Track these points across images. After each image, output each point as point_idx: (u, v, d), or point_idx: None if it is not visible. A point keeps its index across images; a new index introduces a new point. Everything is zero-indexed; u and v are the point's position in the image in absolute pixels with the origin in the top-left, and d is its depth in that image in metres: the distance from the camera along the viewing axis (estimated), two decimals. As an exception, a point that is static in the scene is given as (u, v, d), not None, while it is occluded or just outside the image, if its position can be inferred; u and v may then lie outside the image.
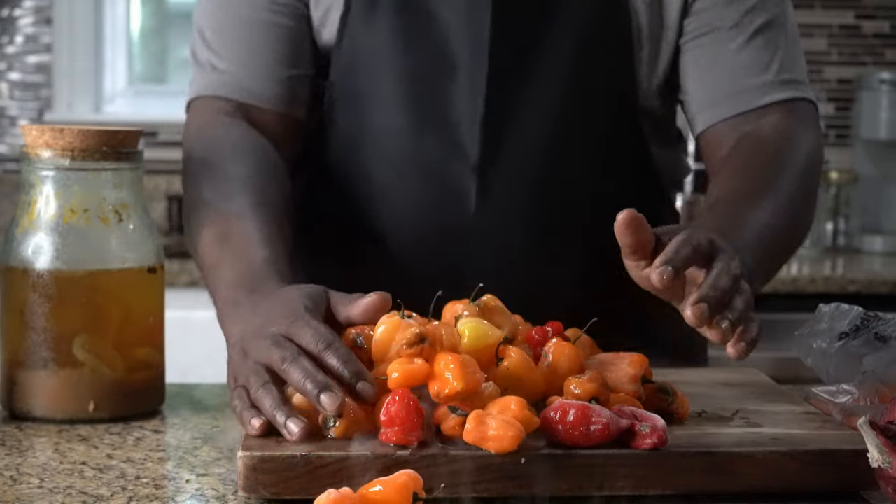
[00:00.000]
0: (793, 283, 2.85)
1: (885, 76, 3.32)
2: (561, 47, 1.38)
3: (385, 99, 1.39)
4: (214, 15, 1.45)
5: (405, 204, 1.39)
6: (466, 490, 0.97)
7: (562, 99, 1.38)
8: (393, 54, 1.38)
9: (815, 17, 3.49)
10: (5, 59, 3.46)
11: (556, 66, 1.38)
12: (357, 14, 1.39)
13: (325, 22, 1.42)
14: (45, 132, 1.24)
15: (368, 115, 1.40)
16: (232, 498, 1.01)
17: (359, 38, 1.40)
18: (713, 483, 0.99)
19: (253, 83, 1.42)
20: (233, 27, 1.43)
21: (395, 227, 1.40)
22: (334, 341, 1.05)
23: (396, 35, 1.38)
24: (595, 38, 1.39)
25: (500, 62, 1.37)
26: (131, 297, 1.26)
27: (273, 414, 1.02)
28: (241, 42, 1.43)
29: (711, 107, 1.42)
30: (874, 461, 0.93)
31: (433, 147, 1.38)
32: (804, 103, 1.45)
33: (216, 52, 1.43)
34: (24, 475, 1.07)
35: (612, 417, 0.98)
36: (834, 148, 3.53)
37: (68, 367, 1.24)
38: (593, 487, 0.98)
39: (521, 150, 1.37)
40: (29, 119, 3.46)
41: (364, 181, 1.42)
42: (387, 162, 1.40)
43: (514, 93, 1.37)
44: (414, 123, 1.38)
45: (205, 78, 1.44)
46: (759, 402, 1.16)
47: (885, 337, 1.15)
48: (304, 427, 1.00)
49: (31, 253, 1.24)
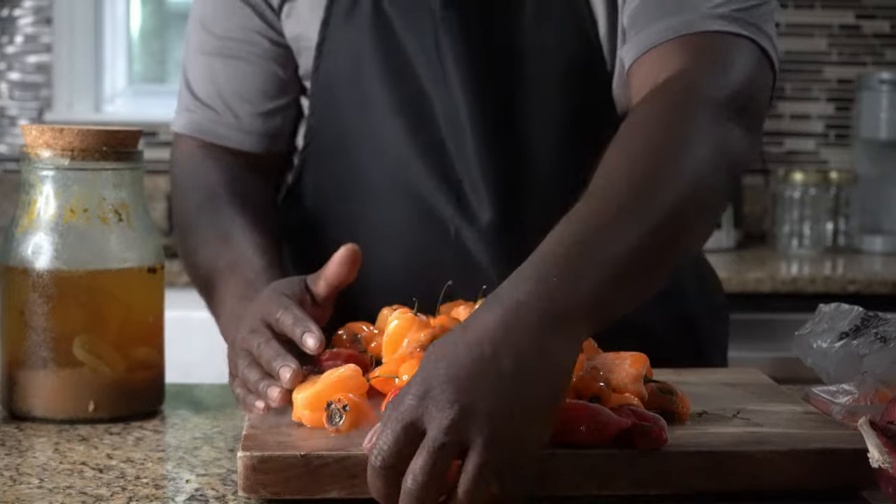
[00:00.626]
0: (793, 283, 2.85)
1: (885, 76, 3.32)
2: (533, 69, 1.34)
3: (368, 122, 1.38)
4: (193, 52, 1.46)
5: (389, 229, 1.38)
6: (466, 490, 0.97)
7: (544, 114, 1.35)
8: (373, 79, 1.37)
9: (815, 17, 3.49)
10: (5, 59, 3.46)
11: (529, 90, 1.35)
12: (333, 43, 1.38)
13: (300, 50, 1.41)
14: (45, 132, 1.24)
15: (352, 138, 1.39)
16: (232, 498, 1.01)
17: (337, 65, 1.38)
18: (713, 483, 0.99)
19: (227, 129, 1.43)
20: (207, 69, 1.44)
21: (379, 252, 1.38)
22: (301, 316, 1.11)
23: (374, 59, 1.36)
24: (571, 66, 1.34)
25: (470, 93, 1.33)
26: (131, 297, 1.26)
27: (257, 387, 1.09)
28: (215, 87, 1.43)
29: (637, 36, 1.24)
30: (874, 461, 0.93)
31: (418, 166, 1.36)
32: (742, 42, 1.20)
33: (194, 93, 1.45)
34: (24, 475, 1.07)
35: (613, 417, 0.98)
36: (834, 148, 3.53)
37: (68, 366, 1.24)
38: (593, 487, 0.98)
39: (508, 170, 1.35)
40: (29, 119, 3.46)
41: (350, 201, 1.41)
42: (372, 184, 1.39)
43: (493, 108, 1.35)
44: (399, 145, 1.37)
45: (184, 116, 1.46)
46: (759, 402, 1.16)
47: (885, 337, 1.15)
48: (282, 391, 1.07)
49: (31, 253, 1.24)
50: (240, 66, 1.42)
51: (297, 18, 1.40)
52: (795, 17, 3.48)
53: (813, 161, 3.52)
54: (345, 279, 1.17)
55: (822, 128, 3.53)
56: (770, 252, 3.31)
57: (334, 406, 1.01)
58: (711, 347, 1.51)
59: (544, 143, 1.35)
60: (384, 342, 1.08)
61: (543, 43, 1.34)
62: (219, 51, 1.43)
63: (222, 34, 1.42)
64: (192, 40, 1.46)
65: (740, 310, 2.88)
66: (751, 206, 3.48)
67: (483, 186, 1.34)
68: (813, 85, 3.52)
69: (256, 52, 1.42)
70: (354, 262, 1.16)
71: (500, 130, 1.34)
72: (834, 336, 1.18)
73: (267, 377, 1.10)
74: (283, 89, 1.43)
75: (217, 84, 1.43)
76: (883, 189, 3.39)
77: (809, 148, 3.53)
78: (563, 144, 1.35)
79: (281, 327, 1.12)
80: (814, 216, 3.32)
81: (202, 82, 1.44)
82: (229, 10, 1.42)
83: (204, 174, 1.42)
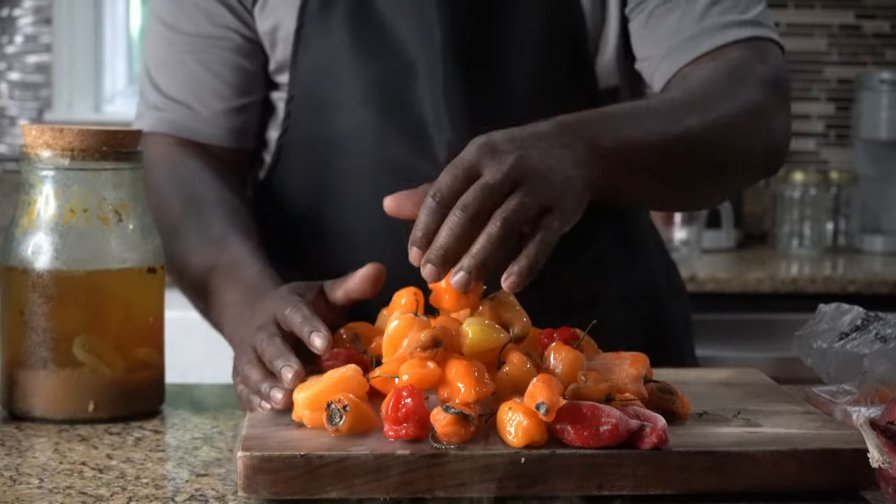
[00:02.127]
0: (793, 283, 2.85)
1: (885, 76, 3.32)
2: (515, 44, 1.37)
3: (350, 106, 1.39)
4: (158, 52, 1.47)
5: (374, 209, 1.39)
6: (466, 490, 0.97)
7: (524, 94, 1.38)
8: (353, 63, 1.38)
9: (815, 17, 3.49)
10: (5, 59, 3.46)
11: (513, 63, 1.37)
12: (311, 29, 1.39)
13: (276, 40, 1.42)
14: (44, 132, 1.24)
15: (333, 124, 1.40)
16: (232, 498, 1.01)
17: (317, 51, 1.40)
18: (713, 483, 0.99)
19: (198, 124, 1.44)
20: (176, 65, 1.45)
21: (364, 232, 1.39)
22: (309, 315, 1.11)
23: (354, 45, 1.38)
24: (548, 30, 1.38)
25: (456, 63, 1.36)
26: (131, 297, 1.26)
27: (258, 387, 1.09)
28: (185, 81, 1.44)
29: (668, 57, 1.35)
30: (874, 461, 0.93)
31: (401, 149, 1.38)
32: (768, 43, 1.35)
33: (161, 91, 1.46)
34: (24, 475, 1.07)
35: (621, 418, 0.98)
36: (834, 148, 3.53)
37: (68, 367, 1.24)
38: (593, 487, 0.98)
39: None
40: (29, 119, 3.46)
41: (331, 189, 1.41)
42: (355, 168, 1.40)
43: (475, 91, 1.37)
44: (381, 127, 1.38)
45: (151, 115, 1.46)
46: (759, 402, 1.16)
47: (885, 337, 1.15)
48: (285, 394, 1.07)
49: (31, 253, 1.24)
50: (211, 63, 1.43)
51: (272, 9, 1.41)
52: (795, 17, 3.48)
53: (813, 161, 3.52)
54: (365, 295, 1.17)
55: (823, 128, 3.53)
56: (770, 252, 3.31)
57: (334, 406, 1.01)
58: (681, 329, 1.53)
59: (525, 109, 1.37)
60: (384, 342, 1.08)
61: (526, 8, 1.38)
62: (189, 48, 1.44)
63: (192, 31, 1.43)
64: (156, 42, 1.46)
65: (740, 310, 2.90)
66: (751, 206, 3.48)
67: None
68: (813, 85, 3.52)
69: (228, 48, 1.43)
70: (378, 282, 1.17)
71: (486, 100, 1.36)
72: (834, 336, 1.18)
73: (269, 377, 1.10)
74: (251, 86, 1.45)
75: (189, 81, 1.44)
76: (883, 189, 3.39)
77: (809, 148, 3.53)
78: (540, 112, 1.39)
79: (289, 325, 1.12)
80: (814, 216, 3.32)
81: (172, 81, 1.45)
82: (199, 8, 1.43)
83: (182, 173, 1.42)
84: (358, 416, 1.01)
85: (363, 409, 1.02)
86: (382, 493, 0.97)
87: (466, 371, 1.00)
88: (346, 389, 1.03)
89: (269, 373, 1.11)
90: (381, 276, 1.17)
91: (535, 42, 1.38)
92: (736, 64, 1.30)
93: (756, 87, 1.27)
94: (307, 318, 1.10)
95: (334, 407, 1.01)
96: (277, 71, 1.44)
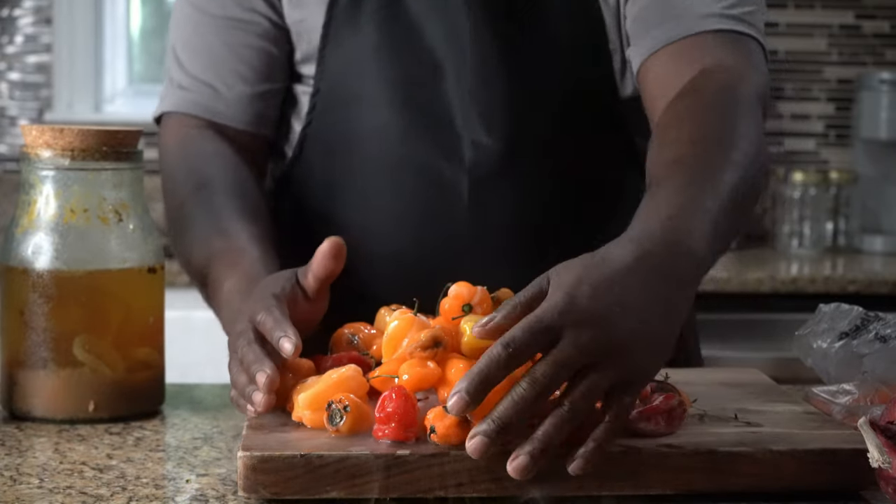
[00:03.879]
0: (793, 283, 2.85)
1: (885, 76, 3.32)
2: (541, 48, 1.38)
3: (375, 104, 1.39)
4: (185, 33, 1.47)
5: (395, 208, 1.39)
6: (466, 490, 0.97)
7: (550, 98, 1.38)
8: (380, 61, 1.39)
9: (815, 17, 3.49)
10: (5, 59, 3.46)
11: (539, 66, 1.38)
12: (340, 24, 1.40)
13: (303, 31, 1.42)
14: (44, 132, 1.24)
15: (357, 120, 1.41)
16: (232, 498, 1.01)
17: (345, 46, 1.40)
18: (713, 483, 0.99)
19: (221, 105, 1.44)
20: (202, 46, 1.45)
21: (382, 231, 1.40)
22: (280, 318, 1.10)
23: (382, 43, 1.39)
24: (573, 35, 1.38)
25: (483, 65, 1.37)
26: (131, 297, 1.26)
27: (244, 391, 1.08)
28: (210, 62, 1.44)
29: (648, 34, 1.33)
30: (874, 461, 0.93)
31: (425, 149, 1.38)
32: (749, 41, 1.31)
33: (187, 70, 1.45)
34: (24, 475, 1.07)
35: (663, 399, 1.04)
36: (834, 148, 3.53)
37: (68, 367, 1.24)
38: (593, 487, 0.98)
39: (512, 147, 1.37)
40: (29, 119, 3.46)
41: (352, 185, 1.42)
42: (377, 165, 1.40)
43: (502, 93, 1.37)
44: (405, 126, 1.38)
45: (175, 95, 1.46)
46: (759, 402, 1.16)
47: (885, 337, 1.15)
48: (265, 397, 1.05)
49: (31, 253, 1.24)
50: (237, 46, 1.43)
51: (302, 1, 1.41)
52: (795, 17, 3.48)
53: (813, 161, 3.52)
54: (332, 272, 1.16)
55: (823, 128, 3.53)
56: (770, 252, 3.31)
57: (335, 406, 1.01)
58: (688, 328, 1.53)
59: (550, 111, 1.39)
60: (384, 342, 1.08)
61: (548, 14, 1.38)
62: (216, 30, 1.44)
63: (220, 14, 1.44)
64: (184, 23, 1.46)
65: (740, 310, 2.90)
66: (751, 206, 3.47)
67: (491, 145, 1.36)
68: (813, 85, 3.52)
69: (256, 32, 1.43)
70: (339, 255, 1.15)
71: (513, 102, 1.37)
72: (834, 336, 1.18)
73: (253, 381, 1.10)
74: (276, 72, 1.45)
75: (214, 62, 1.44)
76: (883, 189, 3.39)
77: (809, 148, 3.53)
78: (564, 116, 1.40)
79: (262, 330, 1.11)
80: (814, 216, 3.32)
81: (197, 61, 1.45)
82: None
83: (195, 160, 1.42)
84: (358, 416, 1.01)
85: (363, 409, 1.02)
86: (382, 493, 0.97)
87: (466, 371, 1.00)
88: (346, 389, 1.03)
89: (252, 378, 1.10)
90: (340, 249, 1.15)
91: (561, 46, 1.38)
92: (723, 87, 1.24)
93: (754, 118, 1.22)
94: (277, 323, 1.09)
95: (335, 407, 1.01)
96: (303, 61, 1.44)
